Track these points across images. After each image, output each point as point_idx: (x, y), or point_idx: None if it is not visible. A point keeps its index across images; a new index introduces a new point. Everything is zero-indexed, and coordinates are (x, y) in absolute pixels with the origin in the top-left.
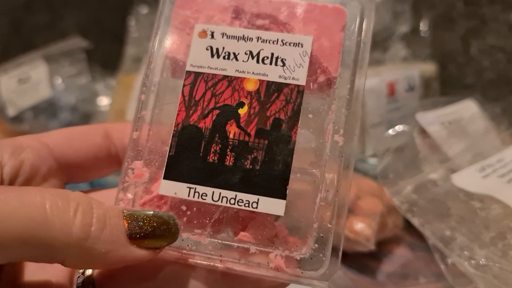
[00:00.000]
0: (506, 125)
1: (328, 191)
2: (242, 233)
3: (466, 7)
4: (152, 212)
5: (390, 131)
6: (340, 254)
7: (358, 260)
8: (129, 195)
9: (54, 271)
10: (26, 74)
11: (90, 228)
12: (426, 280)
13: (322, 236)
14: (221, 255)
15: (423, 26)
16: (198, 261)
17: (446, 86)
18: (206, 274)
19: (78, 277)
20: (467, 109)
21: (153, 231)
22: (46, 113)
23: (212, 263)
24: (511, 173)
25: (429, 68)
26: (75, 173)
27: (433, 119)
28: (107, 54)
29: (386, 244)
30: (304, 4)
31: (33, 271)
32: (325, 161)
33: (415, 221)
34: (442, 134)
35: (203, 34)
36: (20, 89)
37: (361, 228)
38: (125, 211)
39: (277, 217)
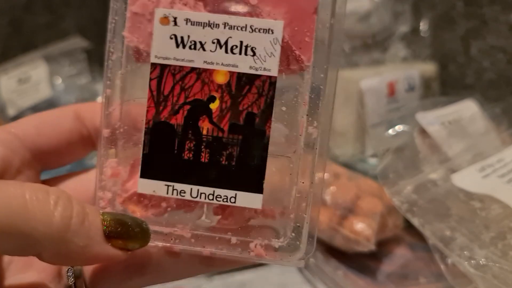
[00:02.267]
0: (506, 125)
1: (303, 182)
2: (222, 221)
3: (466, 7)
4: (125, 215)
5: (390, 131)
6: (315, 239)
7: (358, 260)
8: (108, 194)
9: (39, 272)
10: (26, 74)
11: (70, 221)
12: (426, 280)
13: (299, 226)
14: (204, 246)
15: (423, 26)
16: (184, 247)
17: (446, 86)
18: (189, 261)
19: (68, 273)
20: (467, 109)
21: (127, 232)
22: None
23: (197, 248)
24: (511, 173)
25: (429, 68)
26: (49, 160)
27: (433, 119)
28: None
29: (386, 244)
30: None
31: (15, 272)
32: (300, 154)
33: (415, 221)
34: (442, 134)
35: (165, 20)
36: (20, 89)
37: (361, 228)
38: (101, 211)
39: None
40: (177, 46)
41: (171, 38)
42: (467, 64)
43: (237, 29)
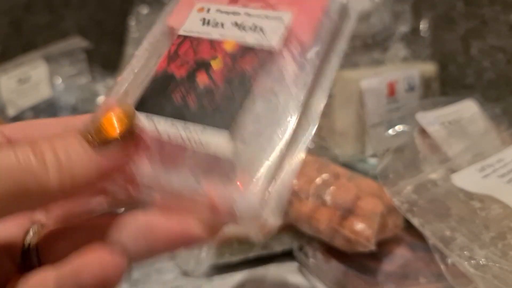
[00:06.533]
0: (506, 125)
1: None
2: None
3: (466, 7)
4: (103, 119)
5: (390, 131)
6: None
7: (358, 260)
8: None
9: (6, 229)
10: (26, 74)
11: (61, 174)
12: (426, 280)
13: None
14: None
15: (423, 26)
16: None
17: (446, 86)
18: None
19: (24, 245)
20: (467, 109)
21: (109, 133)
22: (46, 113)
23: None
24: (511, 173)
25: (429, 68)
26: None
27: (433, 119)
28: (107, 54)
29: (386, 244)
30: None
31: None
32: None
33: (415, 221)
34: (442, 134)
35: (201, 10)
36: (20, 89)
37: (361, 229)
38: (78, 133)
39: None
40: (203, 24)
41: (200, 20)
42: (467, 64)
43: (254, 16)
